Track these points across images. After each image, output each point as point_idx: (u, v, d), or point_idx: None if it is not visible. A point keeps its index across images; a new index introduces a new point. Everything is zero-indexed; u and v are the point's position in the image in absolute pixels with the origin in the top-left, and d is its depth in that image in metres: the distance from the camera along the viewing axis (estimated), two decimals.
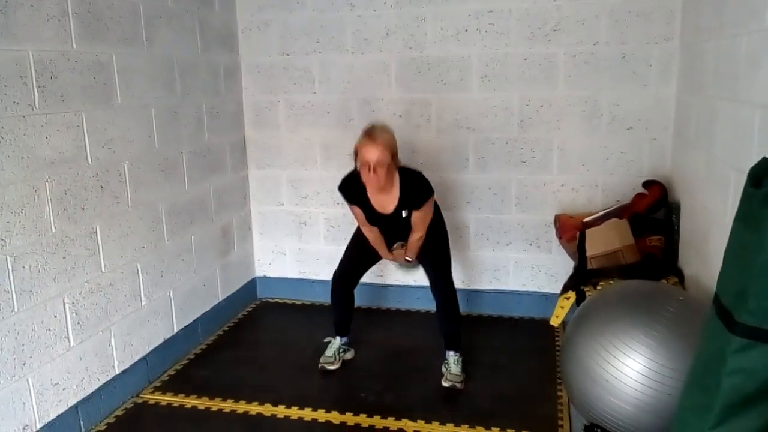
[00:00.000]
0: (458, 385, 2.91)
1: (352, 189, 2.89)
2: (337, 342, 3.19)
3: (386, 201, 2.86)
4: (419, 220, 2.89)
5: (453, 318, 3.05)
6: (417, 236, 2.95)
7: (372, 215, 2.92)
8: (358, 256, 3.10)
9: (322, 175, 3.87)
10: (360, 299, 3.29)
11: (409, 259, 3.05)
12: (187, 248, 3.35)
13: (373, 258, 3.12)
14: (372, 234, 3.02)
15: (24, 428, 2.33)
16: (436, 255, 3.03)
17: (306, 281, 4.05)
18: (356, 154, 2.78)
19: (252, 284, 4.09)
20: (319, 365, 3.11)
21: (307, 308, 3.97)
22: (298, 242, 4.04)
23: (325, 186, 3.86)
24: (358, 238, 3.11)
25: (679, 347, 2.03)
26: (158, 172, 3.08)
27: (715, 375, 1.39)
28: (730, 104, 2.41)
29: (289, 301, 4.06)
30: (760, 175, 1.40)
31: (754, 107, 2.13)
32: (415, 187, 2.84)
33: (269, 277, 4.12)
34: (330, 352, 3.16)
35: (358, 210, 2.94)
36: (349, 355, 3.24)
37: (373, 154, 2.69)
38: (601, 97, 3.41)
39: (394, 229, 2.99)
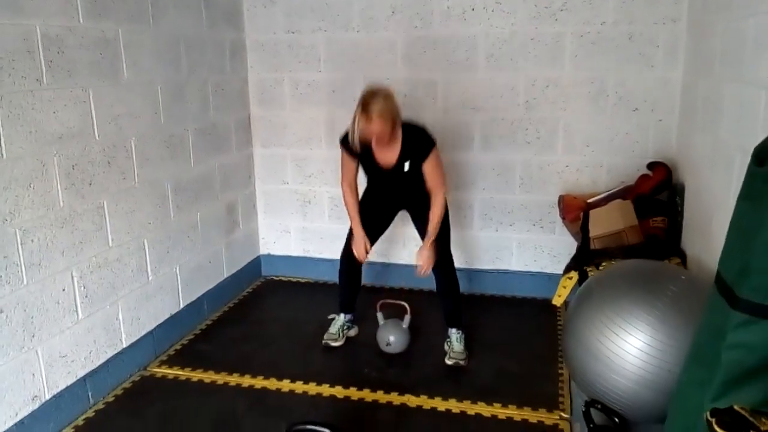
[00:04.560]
0: (461, 363, 2.94)
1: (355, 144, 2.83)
2: (341, 319, 3.22)
3: (389, 154, 2.83)
4: (431, 173, 2.82)
5: (453, 295, 3.07)
6: (436, 208, 2.84)
7: (373, 169, 2.89)
8: (369, 228, 3.04)
9: (327, 154, 3.87)
10: (365, 278, 3.31)
11: (426, 253, 2.86)
12: (193, 225, 3.37)
13: (379, 228, 3.11)
14: (350, 197, 2.98)
15: (33, 399, 2.37)
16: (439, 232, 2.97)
17: (310, 259, 4.08)
18: (356, 123, 2.70)
19: (256, 262, 4.12)
20: (323, 341, 3.14)
21: (311, 286, 4.01)
22: (302, 221, 4.06)
23: (330, 165, 3.86)
24: (363, 211, 3.04)
25: (681, 325, 2.05)
26: (164, 148, 3.10)
27: (715, 350, 1.42)
28: (737, 85, 2.41)
29: (293, 279, 4.09)
30: (765, 154, 1.41)
31: (760, 88, 2.13)
32: (417, 141, 2.80)
33: (273, 255, 4.15)
34: (334, 329, 3.19)
35: (351, 165, 2.91)
36: (353, 332, 3.26)
37: (373, 129, 2.66)
38: (608, 78, 3.40)
39: (394, 185, 2.93)
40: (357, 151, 2.79)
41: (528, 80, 3.50)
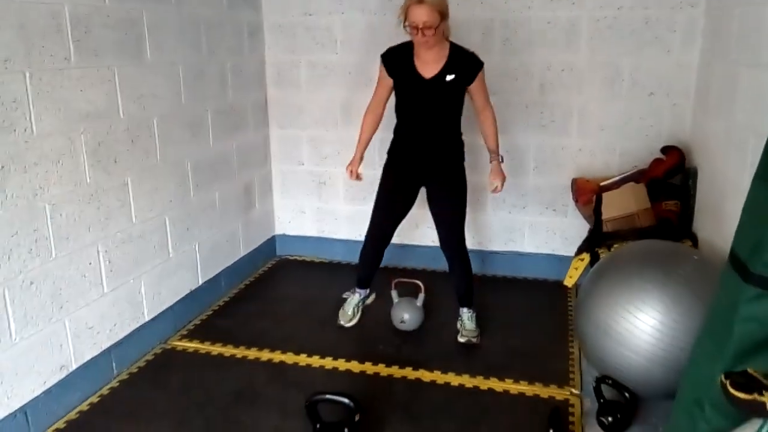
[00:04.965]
0: (474, 340, 3.00)
1: (397, 57, 2.81)
2: (356, 298, 3.25)
3: (432, 64, 2.75)
4: (480, 93, 2.84)
5: (466, 276, 3.07)
6: (489, 121, 2.91)
7: (412, 83, 2.80)
8: (388, 209, 3.04)
9: (342, 135, 3.92)
10: None
11: (496, 180, 2.91)
12: (212, 204, 3.44)
13: (405, 205, 3.04)
14: (369, 120, 2.98)
15: (61, 368, 2.46)
16: (452, 209, 2.98)
17: (325, 240, 4.14)
18: (404, 15, 2.64)
19: (272, 241, 4.19)
20: (338, 323, 3.19)
21: (325, 266, 4.08)
22: (317, 201, 4.12)
23: (345, 146, 3.90)
24: (383, 191, 3.05)
25: (693, 304, 2.11)
26: (185, 128, 3.16)
27: (727, 323, 1.47)
28: (753, 70, 2.44)
29: (308, 259, 4.16)
30: None
31: None
32: (466, 59, 2.77)
33: (288, 235, 4.22)
34: (349, 308, 3.23)
35: (385, 83, 2.88)
36: (370, 300, 3.32)
37: (421, 15, 2.56)
38: (623, 62, 3.43)
39: (430, 100, 2.82)
40: (406, 25, 2.64)
41: (543, 64, 3.53)
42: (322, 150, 4.01)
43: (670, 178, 3.27)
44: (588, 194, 3.33)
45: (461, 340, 3.02)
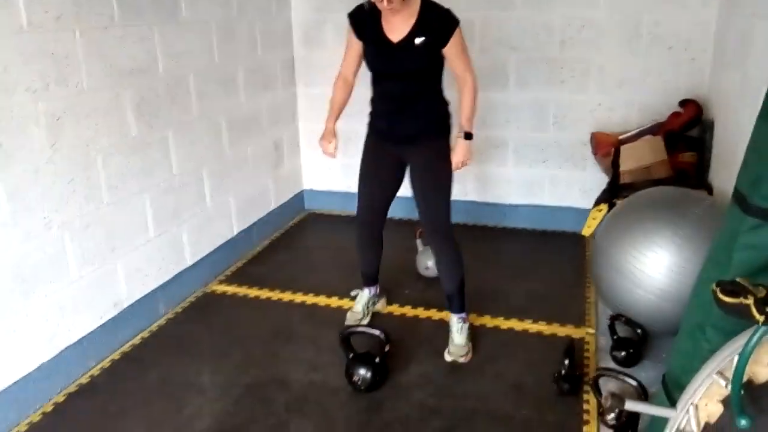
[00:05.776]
0: (461, 360, 2.56)
1: (365, 18, 2.46)
2: (366, 295, 2.91)
3: (400, 25, 2.38)
4: (457, 57, 2.42)
5: (455, 272, 2.61)
6: (467, 89, 2.47)
7: (379, 48, 2.46)
8: (374, 187, 2.75)
9: (368, 94, 3.99)
10: (401, 211, 3.48)
11: (461, 150, 2.47)
12: (244, 159, 3.62)
13: (389, 186, 2.73)
14: (339, 91, 2.75)
15: (115, 305, 2.69)
16: (429, 194, 2.56)
17: (351, 194, 4.26)
18: None
19: (300, 196, 4.37)
20: (346, 321, 2.82)
21: (352, 220, 4.20)
22: (343, 157, 4.23)
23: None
24: (362, 174, 2.80)
25: (703, 244, 2.22)
26: (218, 85, 3.31)
27: (728, 251, 1.61)
28: (767, 22, 2.51)
29: (334, 213, 4.34)
30: None
31: None
32: (438, 18, 2.37)
33: (316, 191, 4.39)
34: (359, 306, 2.88)
35: (355, 47, 2.57)
36: (380, 306, 2.96)
37: None
38: (642, 18, 3.49)
39: (400, 67, 2.45)
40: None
41: (564, 20, 3.60)
42: (348, 107, 4.11)
43: (688, 130, 3.36)
44: (607, 147, 3.44)
45: (447, 358, 2.59)
